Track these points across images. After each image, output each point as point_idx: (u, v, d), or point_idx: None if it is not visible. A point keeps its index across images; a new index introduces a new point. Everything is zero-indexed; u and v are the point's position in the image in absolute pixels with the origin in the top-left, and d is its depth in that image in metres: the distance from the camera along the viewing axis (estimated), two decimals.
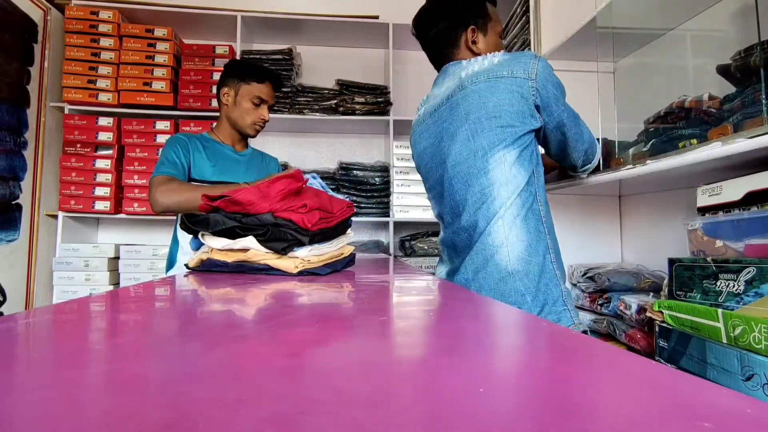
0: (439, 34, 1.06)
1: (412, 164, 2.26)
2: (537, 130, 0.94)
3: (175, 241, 1.37)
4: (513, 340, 0.32)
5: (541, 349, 0.29)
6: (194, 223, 0.75)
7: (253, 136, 1.45)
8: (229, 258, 0.73)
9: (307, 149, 2.52)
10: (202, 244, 0.76)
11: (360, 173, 2.27)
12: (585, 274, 1.40)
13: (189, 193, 1.20)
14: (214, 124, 1.49)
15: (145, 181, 2.11)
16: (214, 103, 2.18)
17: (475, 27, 1.03)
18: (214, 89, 2.19)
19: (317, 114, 2.26)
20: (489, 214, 0.91)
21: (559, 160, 1.05)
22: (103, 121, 2.11)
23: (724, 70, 1.01)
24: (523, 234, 0.89)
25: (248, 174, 1.42)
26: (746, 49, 0.92)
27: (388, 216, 2.25)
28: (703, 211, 0.92)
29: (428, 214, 2.24)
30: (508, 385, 0.21)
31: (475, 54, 1.03)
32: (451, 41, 1.05)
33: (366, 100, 2.27)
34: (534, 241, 0.90)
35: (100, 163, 2.09)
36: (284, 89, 2.23)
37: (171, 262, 1.38)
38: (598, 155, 1.09)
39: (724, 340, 0.74)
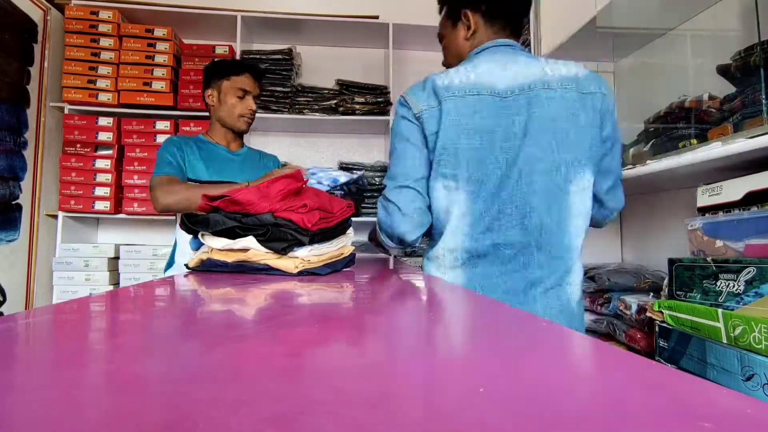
0: (524, 8, 0.96)
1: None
2: None
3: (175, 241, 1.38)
4: (513, 340, 0.32)
5: (541, 349, 0.29)
6: (194, 223, 0.75)
7: (245, 130, 1.44)
8: (229, 258, 0.73)
9: (307, 149, 2.52)
10: (202, 244, 0.76)
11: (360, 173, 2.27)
12: (585, 274, 1.40)
13: (190, 193, 1.20)
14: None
15: (145, 181, 2.11)
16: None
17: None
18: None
19: (317, 114, 2.26)
20: (570, 248, 0.83)
21: (595, 208, 0.91)
22: (103, 121, 2.11)
23: (724, 70, 1.01)
24: (580, 275, 0.86)
25: (243, 173, 1.40)
26: (746, 49, 0.92)
27: None
28: (703, 211, 0.92)
29: None
30: (508, 385, 0.21)
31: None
32: (522, 21, 0.96)
33: (366, 100, 2.27)
34: (581, 283, 0.87)
35: (100, 163, 2.09)
36: (284, 89, 2.23)
37: (170, 263, 1.38)
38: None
39: (724, 340, 0.74)
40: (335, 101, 2.26)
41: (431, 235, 0.92)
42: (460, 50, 0.94)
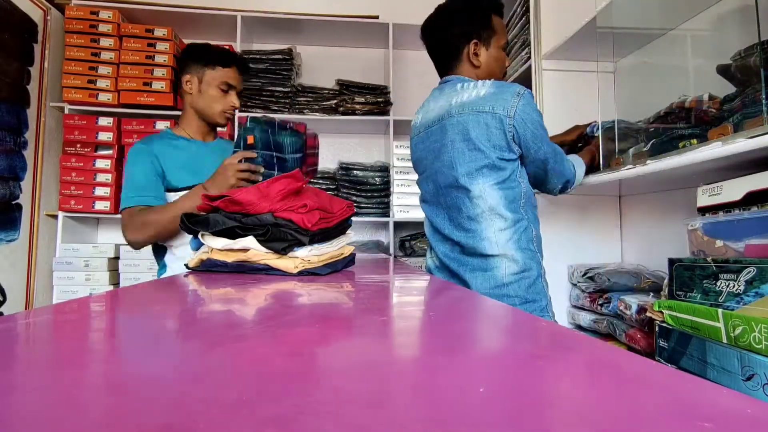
0: (443, 44, 1.10)
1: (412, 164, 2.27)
2: (519, 158, 1.04)
3: (161, 265, 1.28)
4: (513, 340, 0.32)
5: (541, 349, 0.29)
6: (194, 223, 0.75)
7: (224, 125, 1.33)
8: (229, 258, 0.73)
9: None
10: (202, 244, 0.76)
11: (360, 173, 2.27)
12: (585, 274, 1.40)
13: (160, 222, 1.11)
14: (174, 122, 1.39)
15: None
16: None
17: (478, 40, 1.07)
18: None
19: (317, 114, 2.26)
20: (478, 234, 1.01)
21: (536, 186, 1.11)
22: (103, 121, 2.11)
23: (724, 70, 1.01)
24: (517, 254, 0.99)
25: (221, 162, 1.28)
26: (746, 49, 0.92)
27: (388, 216, 2.25)
28: (703, 211, 0.92)
29: None
30: (508, 385, 0.21)
31: (476, 66, 1.09)
32: (453, 52, 1.09)
33: (366, 100, 2.27)
34: (528, 260, 1.00)
35: (100, 163, 2.09)
36: (284, 89, 2.23)
37: (162, 267, 1.28)
38: (579, 181, 1.16)
39: (725, 340, 0.74)
40: (335, 101, 2.26)
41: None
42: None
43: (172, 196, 1.21)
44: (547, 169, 1.05)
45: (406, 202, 2.23)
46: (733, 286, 0.78)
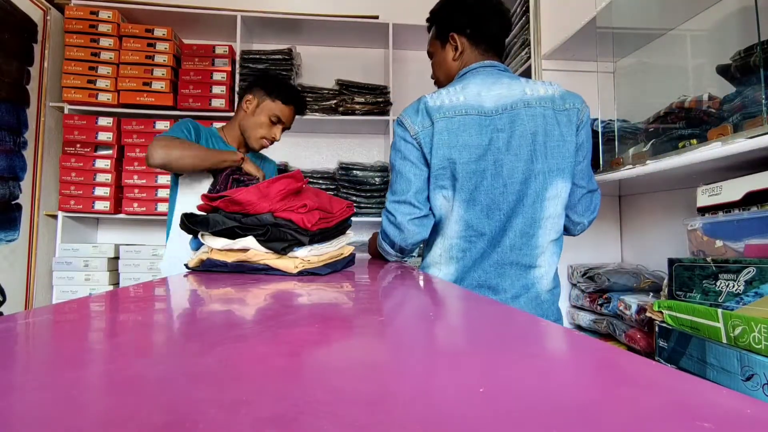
0: (506, 30, 1.05)
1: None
2: None
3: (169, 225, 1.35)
4: (513, 340, 0.32)
5: (541, 349, 0.29)
6: (194, 223, 0.75)
7: (257, 151, 1.42)
8: (229, 258, 0.73)
9: (307, 149, 2.52)
10: (202, 244, 0.76)
11: (360, 173, 2.27)
12: (585, 274, 1.40)
13: (183, 149, 1.16)
14: (224, 124, 1.45)
15: (145, 181, 2.11)
16: (214, 102, 2.18)
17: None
18: (215, 89, 2.18)
19: (317, 114, 2.26)
20: (535, 243, 0.93)
21: (571, 211, 1.02)
22: (103, 121, 2.11)
23: (724, 70, 1.01)
24: (554, 268, 0.96)
25: None
26: (746, 49, 0.92)
27: None
28: (703, 211, 0.92)
29: None
30: (508, 385, 0.21)
31: (502, 61, 1.05)
32: (503, 43, 1.06)
33: (366, 100, 2.27)
34: (556, 273, 0.98)
35: (100, 163, 2.09)
36: None
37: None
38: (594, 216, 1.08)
39: (724, 340, 0.74)
40: (335, 101, 2.26)
41: (429, 240, 1.03)
42: (449, 69, 1.05)
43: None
44: (581, 197, 1.00)
45: None
46: (733, 286, 0.78)
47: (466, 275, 0.95)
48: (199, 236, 0.76)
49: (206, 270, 0.74)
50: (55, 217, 2.09)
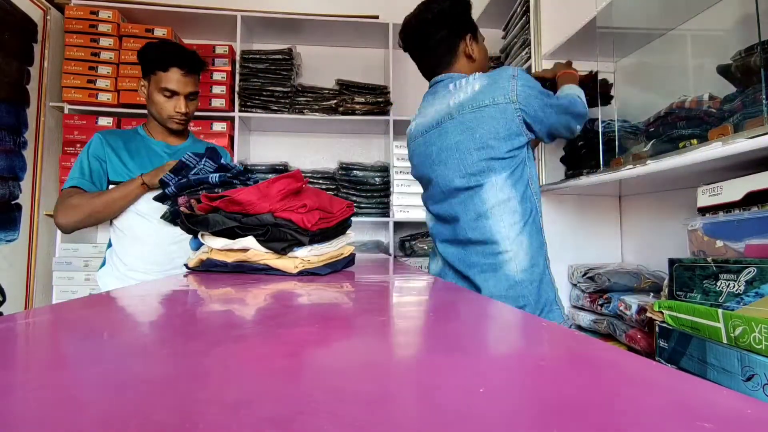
0: (441, 43, 1.09)
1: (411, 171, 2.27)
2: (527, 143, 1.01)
3: (109, 243, 1.27)
4: (513, 340, 0.32)
5: (541, 349, 0.29)
6: (194, 223, 0.75)
7: (179, 130, 1.29)
8: (229, 258, 0.73)
9: (307, 149, 2.52)
10: (202, 244, 0.76)
11: (360, 173, 2.27)
12: (585, 274, 1.40)
13: (89, 207, 1.12)
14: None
15: None
16: (214, 102, 2.18)
17: (472, 35, 1.09)
18: (214, 89, 2.19)
19: (317, 114, 2.26)
20: (487, 233, 0.99)
21: (547, 141, 1.09)
22: (103, 121, 2.11)
23: (724, 70, 1.01)
24: (527, 248, 0.98)
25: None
26: (746, 49, 0.92)
27: (388, 216, 2.25)
28: (703, 211, 0.92)
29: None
30: (508, 385, 0.21)
31: (473, 61, 1.10)
32: (451, 49, 1.09)
33: (366, 100, 2.27)
34: (536, 255, 0.99)
35: None
36: (284, 89, 2.23)
37: (104, 263, 1.28)
38: (585, 120, 1.11)
39: (725, 341, 0.74)
40: (335, 101, 2.26)
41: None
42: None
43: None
44: (560, 123, 1.03)
45: (406, 202, 2.23)
46: (733, 287, 0.78)
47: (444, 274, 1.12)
48: (199, 236, 0.76)
49: (206, 270, 0.74)
50: None
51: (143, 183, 1.14)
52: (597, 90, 1.32)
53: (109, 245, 1.28)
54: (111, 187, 1.21)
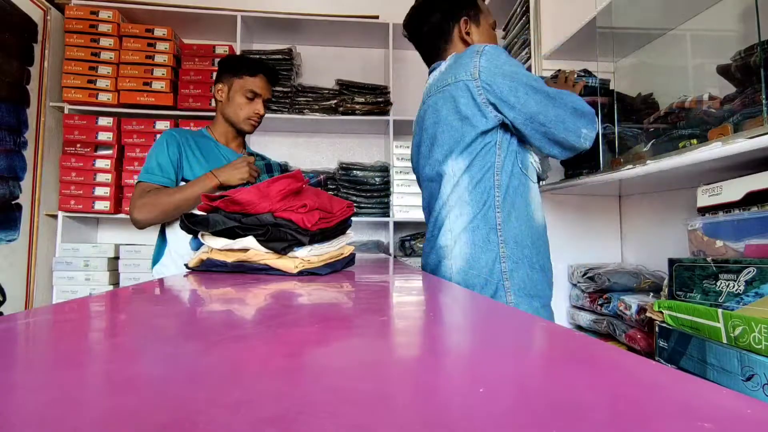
0: (432, 29, 1.03)
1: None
2: (500, 129, 0.89)
3: (162, 238, 1.33)
4: (513, 341, 0.32)
5: (540, 349, 0.29)
6: (194, 223, 0.75)
7: (249, 132, 1.40)
8: (229, 258, 0.73)
9: (307, 149, 2.52)
10: (202, 244, 0.76)
11: (360, 173, 2.27)
12: (585, 274, 1.40)
13: (165, 205, 1.17)
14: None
15: None
16: (214, 103, 2.18)
17: (468, 18, 1.02)
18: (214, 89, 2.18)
19: (317, 114, 2.26)
20: (439, 224, 0.94)
21: (553, 152, 0.91)
22: (103, 121, 2.11)
23: (724, 70, 1.01)
24: (466, 246, 0.89)
25: None
26: (746, 49, 0.92)
27: (388, 216, 2.25)
28: (703, 211, 0.92)
29: None
30: (507, 385, 0.21)
31: (468, 45, 1.00)
32: (443, 35, 1.02)
33: (366, 100, 2.27)
34: (479, 252, 0.87)
35: (100, 163, 2.09)
36: (284, 89, 2.23)
37: (156, 259, 1.33)
38: (595, 124, 0.94)
39: (724, 341, 0.74)
40: (335, 101, 2.26)
41: None
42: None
43: None
44: (545, 122, 0.86)
45: (406, 202, 2.23)
46: (733, 287, 0.78)
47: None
48: (199, 236, 0.76)
49: (206, 270, 0.74)
50: (55, 217, 2.09)
51: (218, 181, 1.20)
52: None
53: (163, 241, 1.32)
54: (181, 184, 1.26)
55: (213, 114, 2.17)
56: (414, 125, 1.11)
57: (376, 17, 2.32)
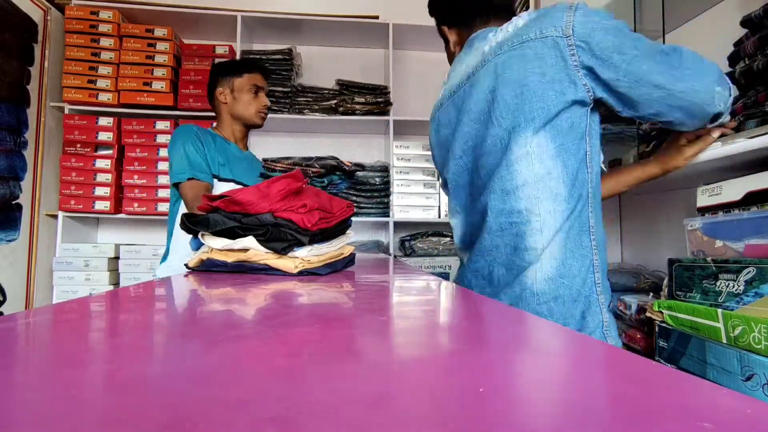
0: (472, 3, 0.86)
1: (412, 164, 2.27)
2: (590, 104, 0.72)
3: (170, 234, 1.37)
4: (513, 340, 0.32)
5: (540, 348, 0.29)
6: (194, 223, 0.75)
7: (260, 125, 1.45)
8: (229, 258, 0.73)
9: (307, 149, 2.52)
10: (202, 244, 0.76)
11: (360, 173, 2.27)
12: None
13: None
14: (214, 124, 1.48)
15: (145, 180, 2.11)
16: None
17: None
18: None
19: (317, 114, 2.26)
20: (515, 219, 0.74)
21: (675, 118, 0.72)
22: (103, 121, 2.11)
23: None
24: (559, 250, 0.71)
25: (251, 173, 1.42)
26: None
27: (388, 216, 2.25)
28: (703, 211, 0.92)
29: (428, 214, 2.24)
30: (507, 385, 0.21)
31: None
32: (487, 4, 0.85)
33: (366, 100, 2.27)
34: (570, 258, 0.71)
35: (100, 163, 2.09)
36: (284, 89, 2.23)
37: (165, 257, 1.38)
38: (728, 81, 0.74)
39: (724, 341, 0.74)
40: (335, 101, 2.26)
41: None
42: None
43: (216, 184, 1.31)
44: (662, 82, 0.68)
45: (406, 202, 2.23)
46: (733, 286, 0.78)
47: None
48: (199, 236, 0.76)
49: (206, 270, 0.74)
50: (55, 217, 2.09)
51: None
52: None
53: (171, 236, 1.36)
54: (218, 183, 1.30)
55: (212, 114, 2.18)
56: (444, 98, 0.88)
57: (376, 17, 2.32)
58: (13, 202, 1.91)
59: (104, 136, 2.10)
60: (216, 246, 0.73)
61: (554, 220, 0.72)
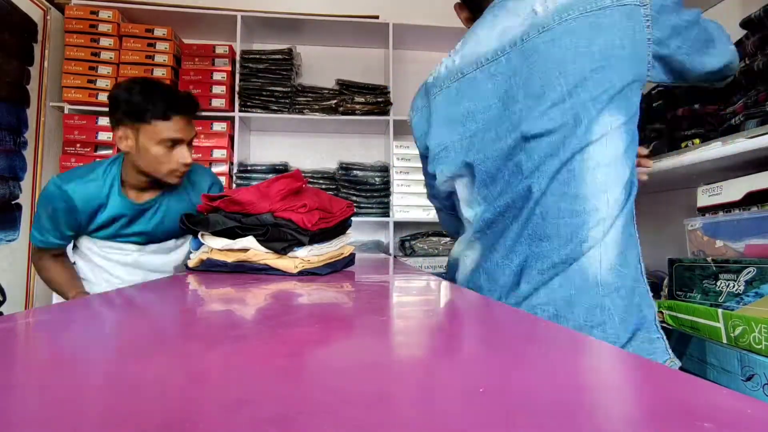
0: None
1: (412, 164, 2.26)
2: (644, 81, 0.67)
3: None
4: (512, 340, 0.32)
5: (540, 348, 0.29)
6: (194, 223, 0.75)
7: (178, 184, 1.10)
8: (229, 258, 0.73)
9: (307, 149, 2.52)
10: (202, 244, 0.76)
11: (360, 173, 2.27)
12: None
13: (54, 282, 1.21)
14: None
15: None
16: (214, 102, 2.18)
17: None
18: (215, 89, 2.18)
19: (317, 114, 2.26)
20: (576, 209, 0.66)
21: (709, 65, 0.71)
22: (103, 121, 2.11)
23: None
24: (618, 236, 0.66)
25: (155, 217, 1.14)
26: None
27: (388, 216, 2.25)
28: (703, 211, 0.92)
29: (428, 214, 2.24)
30: (507, 385, 0.21)
31: None
32: None
33: (366, 100, 2.27)
34: (625, 248, 0.67)
35: None
36: (284, 89, 2.23)
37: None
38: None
39: (724, 341, 0.74)
40: (335, 101, 2.26)
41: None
42: None
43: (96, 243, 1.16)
44: (710, 50, 0.70)
45: (406, 202, 2.23)
46: (733, 286, 0.78)
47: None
48: (199, 236, 0.76)
49: (206, 270, 0.74)
50: None
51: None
52: None
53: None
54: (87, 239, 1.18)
55: (213, 114, 2.18)
56: (460, 71, 0.74)
57: (376, 17, 2.32)
58: (13, 202, 1.91)
59: (104, 136, 2.10)
60: (216, 246, 0.73)
61: (618, 207, 0.66)
